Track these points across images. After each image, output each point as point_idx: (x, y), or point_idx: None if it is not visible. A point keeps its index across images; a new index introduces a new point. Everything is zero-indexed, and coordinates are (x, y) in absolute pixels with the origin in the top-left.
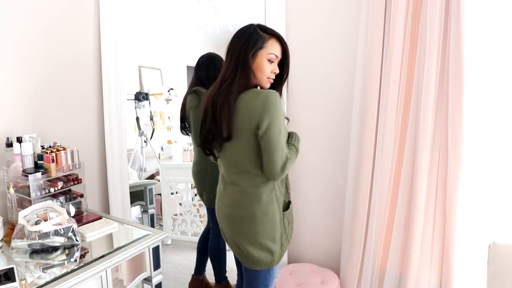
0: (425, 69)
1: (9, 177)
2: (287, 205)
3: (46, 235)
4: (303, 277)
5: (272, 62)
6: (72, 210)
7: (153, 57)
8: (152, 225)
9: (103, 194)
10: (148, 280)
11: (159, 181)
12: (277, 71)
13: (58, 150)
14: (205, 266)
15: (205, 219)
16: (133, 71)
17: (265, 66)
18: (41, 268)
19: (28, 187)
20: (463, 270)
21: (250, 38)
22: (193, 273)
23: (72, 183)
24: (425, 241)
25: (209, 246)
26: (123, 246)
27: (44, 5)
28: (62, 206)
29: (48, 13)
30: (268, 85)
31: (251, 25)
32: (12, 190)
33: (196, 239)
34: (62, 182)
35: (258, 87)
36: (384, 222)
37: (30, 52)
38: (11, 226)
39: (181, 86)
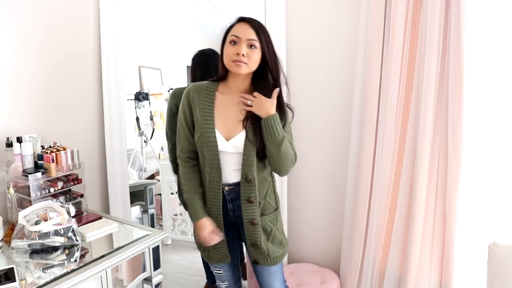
0: (425, 69)
1: (9, 177)
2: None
3: (46, 235)
4: (303, 277)
5: (234, 43)
6: (72, 210)
7: (153, 57)
8: (152, 225)
9: (103, 194)
10: (148, 280)
11: (159, 181)
12: (241, 51)
13: (58, 150)
14: None
15: None
16: (133, 71)
17: (227, 49)
18: (41, 268)
19: (28, 187)
20: (463, 270)
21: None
22: (207, 283)
23: (72, 183)
24: (425, 241)
25: None
26: (123, 246)
27: (44, 4)
28: (62, 206)
29: (48, 12)
30: (235, 69)
31: None
32: (12, 190)
33: None
34: (62, 182)
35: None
36: (384, 222)
37: (30, 52)
38: (11, 226)
39: (181, 86)
